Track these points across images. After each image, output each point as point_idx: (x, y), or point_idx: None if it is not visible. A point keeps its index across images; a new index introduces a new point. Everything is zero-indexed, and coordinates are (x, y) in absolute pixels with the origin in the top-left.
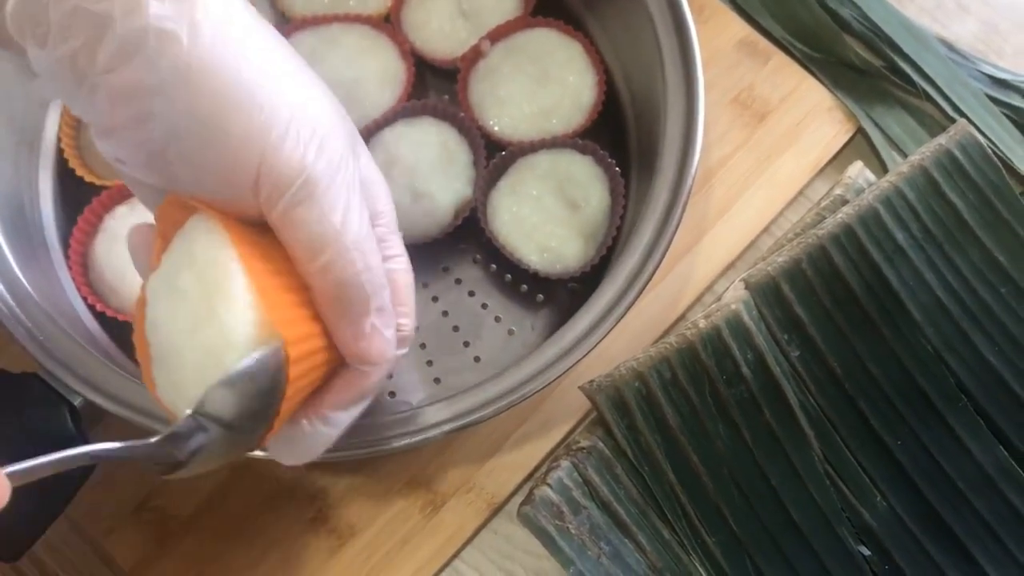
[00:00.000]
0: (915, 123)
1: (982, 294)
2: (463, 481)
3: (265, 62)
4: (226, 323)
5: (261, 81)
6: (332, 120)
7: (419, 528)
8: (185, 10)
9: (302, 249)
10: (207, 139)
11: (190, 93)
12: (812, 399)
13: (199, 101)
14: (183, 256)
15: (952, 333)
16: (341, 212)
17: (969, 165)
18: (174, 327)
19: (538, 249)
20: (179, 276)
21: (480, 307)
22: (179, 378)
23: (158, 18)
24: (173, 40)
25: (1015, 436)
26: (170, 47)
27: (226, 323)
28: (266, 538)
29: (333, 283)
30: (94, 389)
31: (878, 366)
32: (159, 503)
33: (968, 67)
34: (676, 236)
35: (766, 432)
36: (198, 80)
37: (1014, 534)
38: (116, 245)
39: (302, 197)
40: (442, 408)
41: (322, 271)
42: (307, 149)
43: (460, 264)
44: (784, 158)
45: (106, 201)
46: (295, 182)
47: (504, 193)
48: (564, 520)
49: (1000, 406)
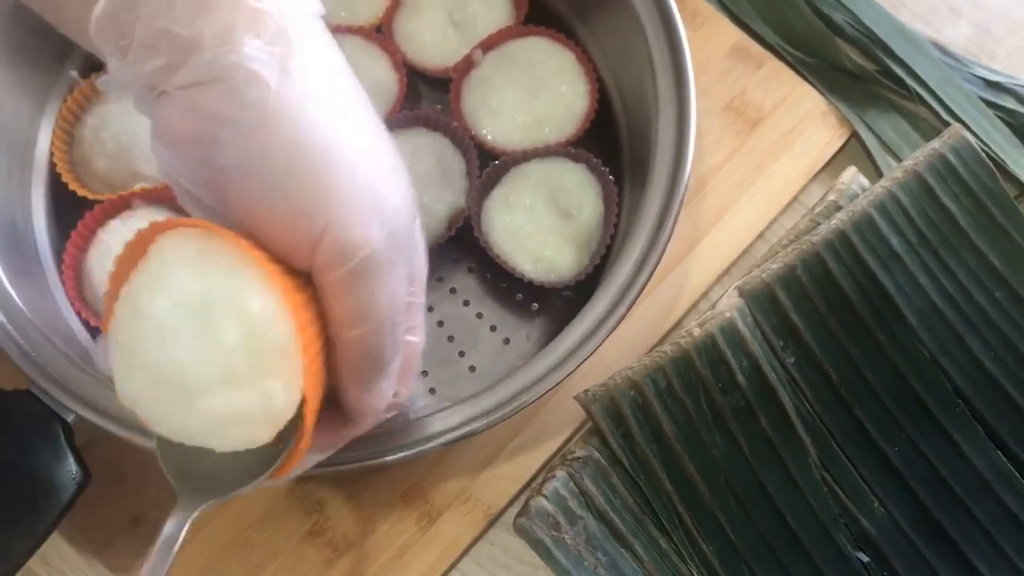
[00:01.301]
0: (909, 127)
1: (977, 298)
2: (459, 492)
3: (348, 124)
4: (274, 403)
5: (341, 144)
6: (404, 193)
7: (416, 539)
8: (278, 54)
9: (343, 314)
10: (273, 186)
11: (266, 137)
12: (808, 405)
13: (273, 147)
14: (219, 287)
15: (948, 338)
16: (391, 292)
17: (963, 169)
18: (195, 361)
19: (532, 258)
20: (214, 315)
21: (475, 317)
22: (179, 412)
23: (250, 58)
24: (260, 82)
25: (1012, 441)
26: (256, 87)
27: (274, 403)
28: (263, 550)
29: (359, 351)
30: (87, 406)
31: (874, 372)
32: (155, 516)
33: (961, 70)
34: (670, 244)
35: (762, 439)
36: (276, 126)
37: (1011, 539)
38: (110, 259)
39: (360, 272)
40: (437, 420)
41: (356, 340)
42: (376, 224)
43: (455, 274)
44: (778, 164)
45: (99, 215)
46: (357, 255)
47: (498, 202)
48: (560, 531)
49: (997, 411)
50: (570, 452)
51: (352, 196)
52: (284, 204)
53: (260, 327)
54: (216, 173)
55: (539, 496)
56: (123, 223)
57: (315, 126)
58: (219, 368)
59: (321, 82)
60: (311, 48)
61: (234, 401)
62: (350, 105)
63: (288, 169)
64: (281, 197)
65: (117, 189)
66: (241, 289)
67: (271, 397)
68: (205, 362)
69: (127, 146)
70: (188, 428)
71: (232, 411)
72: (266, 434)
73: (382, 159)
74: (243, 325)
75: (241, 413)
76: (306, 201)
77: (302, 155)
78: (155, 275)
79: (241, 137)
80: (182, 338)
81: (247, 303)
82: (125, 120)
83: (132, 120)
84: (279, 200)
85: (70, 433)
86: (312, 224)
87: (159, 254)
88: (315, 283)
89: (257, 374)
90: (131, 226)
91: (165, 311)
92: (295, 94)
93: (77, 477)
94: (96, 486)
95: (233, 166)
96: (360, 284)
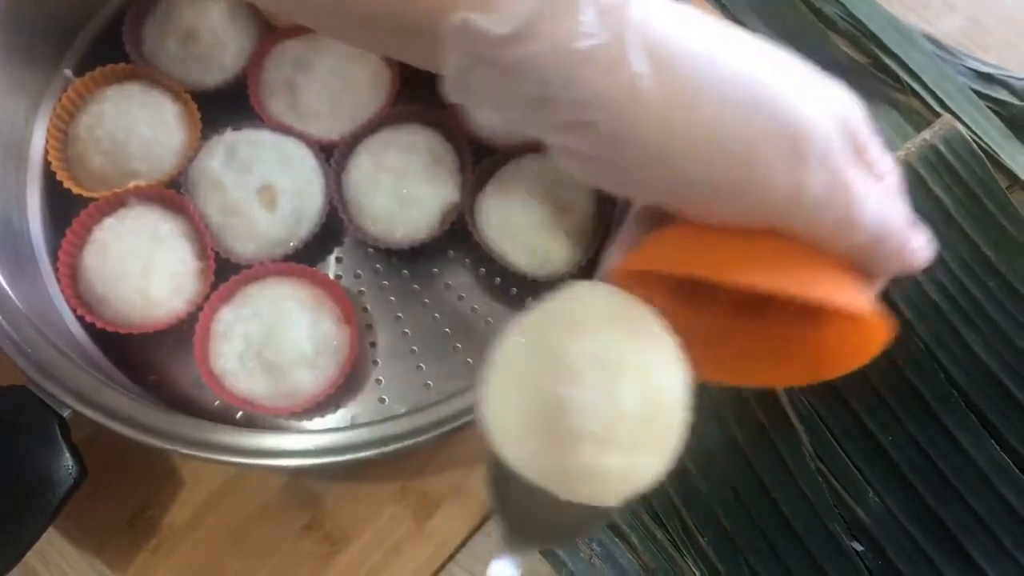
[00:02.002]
0: (901, 119)
1: (971, 289)
2: (455, 486)
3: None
4: (639, 476)
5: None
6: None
7: (412, 533)
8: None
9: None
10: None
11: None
12: (802, 396)
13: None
14: (637, 352)
15: (942, 329)
16: (870, 204)
17: (954, 159)
18: (584, 409)
19: (526, 252)
20: (622, 375)
21: (470, 311)
22: (539, 446)
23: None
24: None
25: (1007, 431)
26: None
27: (639, 476)
28: (260, 546)
29: (868, 252)
30: (83, 401)
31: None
32: (153, 513)
33: (953, 62)
34: None
35: (756, 430)
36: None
37: (1008, 529)
38: (105, 257)
39: (841, 212)
40: (431, 412)
41: (859, 248)
42: (841, 159)
43: (449, 268)
44: None
45: (94, 213)
46: (840, 200)
47: (492, 197)
48: None
49: (991, 401)
50: None
51: (814, 143)
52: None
53: (660, 404)
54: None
55: None
56: (118, 221)
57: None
58: (604, 424)
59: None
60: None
61: (603, 461)
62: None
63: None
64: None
65: (112, 187)
66: (656, 362)
67: (638, 472)
68: (593, 413)
69: (122, 144)
70: (538, 464)
71: (595, 468)
72: (615, 500)
73: (822, 88)
74: (646, 396)
75: (603, 473)
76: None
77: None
78: (573, 318)
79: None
80: (583, 382)
81: (658, 376)
82: (120, 118)
83: (126, 118)
84: (744, 181)
85: (66, 428)
86: (778, 189)
87: (579, 298)
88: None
89: (638, 445)
90: (127, 224)
91: (575, 354)
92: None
93: (73, 472)
94: (95, 483)
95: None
96: (847, 212)
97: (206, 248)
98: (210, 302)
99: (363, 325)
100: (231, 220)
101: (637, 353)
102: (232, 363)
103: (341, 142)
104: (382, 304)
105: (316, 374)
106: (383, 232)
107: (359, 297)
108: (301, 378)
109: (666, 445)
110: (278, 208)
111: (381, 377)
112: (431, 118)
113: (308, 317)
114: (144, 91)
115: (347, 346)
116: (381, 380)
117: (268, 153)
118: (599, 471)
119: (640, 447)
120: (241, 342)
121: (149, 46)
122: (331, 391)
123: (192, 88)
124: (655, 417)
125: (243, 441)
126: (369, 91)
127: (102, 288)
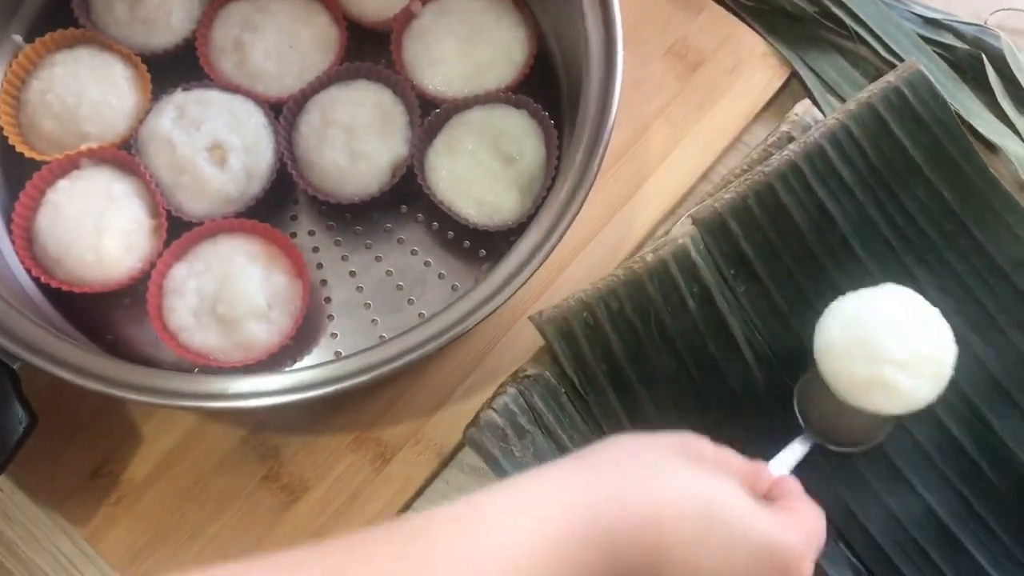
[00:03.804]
0: (849, 66)
1: (926, 229)
2: (411, 434)
3: None
4: (918, 396)
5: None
6: None
7: (370, 481)
8: None
9: None
10: None
11: None
12: (758, 335)
13: None
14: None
15: (896, 269)
16: None
17: (916, 102)
18: (894, 344)
19: (476, 203)
20: (927, 325)
21: (423, 265)
22: (866, 368)
23: None
24: None
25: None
26: None
27: (918, 396)
28: (220, 497)
29: None
30: (33, 351)
31: (824, 302)
32: (113, 468)
33: (900, 9)
34: (615, 185)
35: (709, 363)
36: None
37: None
38: (58, 218)
39: None
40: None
41: None
42: None
43: (402, 223)
44: (720, 105)
45: (47, 176)
46: None
47: (440, 150)
48: (508, 443)
49: None
50: (521, 371)
51: None
52: None
53: (943, 353)
54: None
55: (489, 409)
56: (71, 183)
57: None
58: (908, 354)
59: None
60: None
61: (897, 379)
62: None
63: None
64: None
65: (65, 150)
66: (941, 328)
67: (916, 394)
68: (903, 346)
69: (73, 107)
70: (845, 379)
71: (891, 383)
72: (894, 410)
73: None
74: (936, 346)
75: (895, 388)
76: None
77: None
78: (887, 292)
79: None
80: (900, 328)
81: (943, 337)
82: (70, 82)
83: (77, 82)
84: None
85: (17, 380)
86: None
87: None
88: None
89: (923, 375)
90: (79, 186)
91: (892, 312)
92: None
93: (24, 421)
94: (54, 440)
95: None
96: None
97: (158, 207)
98: (163, 259)
99: (318, 281)
100: (182, 178)
101: (932, 320)
102: (186, 318)
103: (290, 99)
104: (336, 261)
105: (269, 327)
106: (334, 187)
107: (314, 254)
108: (255, 330)
109: (939, 381)
110: (228, 166)
111: (336, 331)
112: (379, 74)
113: (260, 271)
114: (94, 55)
115: (299, 298)
116: (336, 334)
117: (217, 112)
118: (893, 386)
119: (924, 377)
120: (194, 297)
121: (97, 11)
122: (285, 342)
123: (141, 51)
124: (939, 360)
125: (196, 386)
126: (317, 50)
127: (56, 248)
